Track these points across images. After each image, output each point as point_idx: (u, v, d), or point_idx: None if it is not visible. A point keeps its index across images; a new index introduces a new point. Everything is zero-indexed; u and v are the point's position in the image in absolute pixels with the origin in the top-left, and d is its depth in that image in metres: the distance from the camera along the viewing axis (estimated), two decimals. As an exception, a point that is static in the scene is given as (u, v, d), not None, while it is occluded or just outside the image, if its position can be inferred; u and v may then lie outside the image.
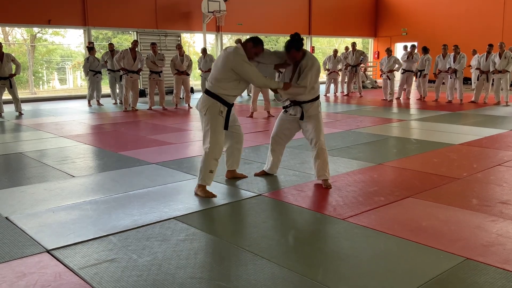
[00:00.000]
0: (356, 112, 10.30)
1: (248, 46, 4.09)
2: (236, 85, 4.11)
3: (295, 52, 4.21)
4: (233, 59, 4.02)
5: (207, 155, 4.12)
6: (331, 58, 14.68)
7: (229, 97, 4.13)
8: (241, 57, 4.02)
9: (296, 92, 4.28)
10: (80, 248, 3.07)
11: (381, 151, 6.21)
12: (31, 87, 17.27)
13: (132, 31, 15.97)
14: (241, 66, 4.01)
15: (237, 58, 4.01)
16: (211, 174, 4.15)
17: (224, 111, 4.12)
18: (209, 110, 4.08)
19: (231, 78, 4.06)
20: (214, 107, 4.08)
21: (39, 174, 5.07)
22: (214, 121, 4.09)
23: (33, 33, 20.99)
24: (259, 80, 4.13)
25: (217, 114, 4.09)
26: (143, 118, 9.85)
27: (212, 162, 4.13)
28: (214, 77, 4.12)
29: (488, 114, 9.77)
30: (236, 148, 4.56)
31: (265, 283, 2.57)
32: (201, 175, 4.16)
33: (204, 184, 4.16)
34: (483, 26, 18.49)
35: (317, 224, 3.60)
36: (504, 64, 11.37)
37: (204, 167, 4.14)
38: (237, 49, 4.07)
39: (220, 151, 4.17)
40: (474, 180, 4.62)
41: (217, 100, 4.08)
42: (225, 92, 4.09)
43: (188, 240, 3.18)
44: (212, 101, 4.09)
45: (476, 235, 3.23)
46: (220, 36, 17.80)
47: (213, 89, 4.10)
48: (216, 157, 4.14)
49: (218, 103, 4.08)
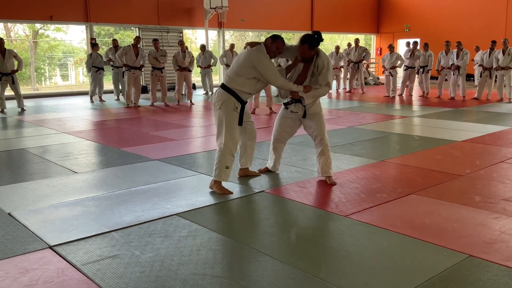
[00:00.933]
0: (358, 109, 10.28)
1: (268, 42, 4.09)
2: (254, 83, 4.08)
3: (307, 49, 4.14)
4: (255, 55, 4.00)
5: (223, 151, 4.09)
6: (333, 55, 14.64)
7: (244, 94, 4.10)
8: (263, 54, 4.01)
9: (320, 94, 4.23)
10: (82, 244, 3.08)
11: (384, 148, 6.19)
12: (33, 83, 17.29)
13: (134, 27, 15.95)
14: (262, 64, 3.98)
15: (260, 55, 4.00)
16: (227, 170, 4.11)
17: (239, 107, 4.10)
18: (224, 105, 4.06)
19: (250, 75, 4.02)
20: (228, 102, 4.06)
21: (41, 170, 5.08)
22: (229, 116, 4.07)
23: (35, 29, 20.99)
24: (278, 80, 4.08)
25: (232, 110, 4.07)
26: (145, 114, 9.85)
27: (228, 158, 4.10)
28: (234, 71, 4.09)
29: (491, 111, 9.74)
30: (249, 145, 4.52)
31: (268, 279, 2.57)
32: (217, 171, 4.13)
33: (220, 180, 4.15)
34: (486, 23, 18.41)
35: (319, 221, 3.59)
36: (507, 60, 11.33)
37: (219, 162, 4.10)
38: (260, 47, 4.07)
39: (235, 146, 4.15)
40: (477, 177, 4.61)
41: (232, 95, 4.06)
42: (241, 88, 4.06)
43: (191, 237, 3.18)
44: (227, 96, 4.07)
45: (479, 232, 3.22)
46: (222, 33, 17.76)
47: (230, 83, 4.08)
48: (232, 152, 4.11)
49: (233, 98, 4.06)
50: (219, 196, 4.06)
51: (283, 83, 4.14)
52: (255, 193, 4.16)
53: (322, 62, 4.21)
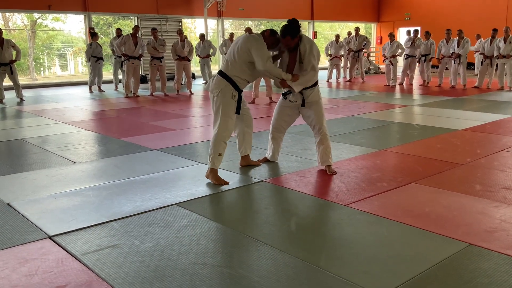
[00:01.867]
0: (358, 98, 10.24)
1: (266, 34, 4.12)
2: (251, 69, 4.08)
3: (290, 40, 4.09)
4: (252, 40, 4.02)
5: (216, 138, 4.11)
6: (333, 44, 14.55)
7: (241, 82, 4.10)
8: (260, 39, 4.04)
9: (307, 79, 4.19)
10: (82, 234, 3.07)
11: (384, 137, 6.17)
12: (32, 73, 17.21)
13: (132, 17, 15.84)
14: (256, 46, 3.98)
15: (256, 38, 4.03)
16: (220, 157, 4.14)
17: (236, 96, 4.11)
18: (221, 93, 4.06)
19: (245, 60, 4.03)
20: (226, 90, 4.06)
21: (40, 160, 5.06)
22: (226, 104, 4.07)
23: (34, 18, 20.84)
24: (267, 63, 3.98)
25: (230, 98, 4.07)
26: (145, 104, 9.82)
27: (221, 145, 4.13)
28: (232, 57, 4.09)
29: (492, 100, 9.70)
30: (247, 132, 4.50)
31: (267, 268, 2.56)
32: (210, 158, 4.16)
33: (214, 168, 4.15)
34: (488, 11, 18.27)
35: (319, 210, 3.59)
36: (508, 49, 11.26)
37: (213, 149, 4.13)
38: (258, 34, 4.11)
39: (229, 134, 4.16)
40: (477, 166, 4.59)
41: (230, 83, 4.06)
42: (240, 75, 4.06)
43: (191, 226, 3.17)
44: (225, 83, 4.06)
45: (480, 220, 3.21)
46: (222, 22, 17.64)
47: (228, 71, 4.07)
48: (225, 140, 4.14)
49: (230, 86, 4.06)
50: (218, 186, 4.05)
51: (271, 68, 4.04)
52: (254, 183, 4.15)
53: (304, 46, 4.15)
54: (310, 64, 4.16)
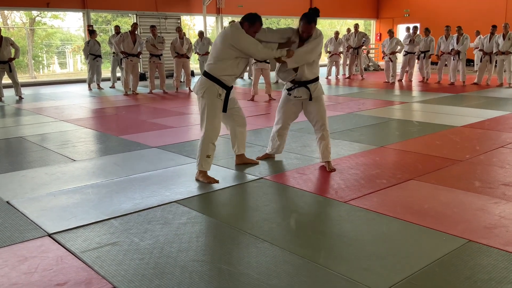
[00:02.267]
0: (358, 95, 10.24)
1: (245, 26, 3.96)
2: (235, 64, 3.99)
3: (313, 28, 4.10)
4: (231, 34, 3.93)
5: (204, 140, 4.05)
6: (333, 40, 14.52)
7: (228, 78, 4.01)
8: (239, 30, 3.93)
9: (302, 58, 4.13)
10: (81, 232, 3.07)
11: (383, 134, 6.17)
12: (31, 71, 17.18)
13: (131, 14, 15.79)
14: (239, 39, 3.90)
15: (236, 32, 3.93)
16: (208, 159, 4.07)
17: (222, 94, 4.02)
18: (206, 93, 3.98)
19: (231, 56, 3.94)
20: (211, 89, 3.98)
21: (40, 158, 5.06)
22: (211, 104, 3.99)
23: (32, 16, 20.80)
24: (260, 52, 3.95)
25: (215, 97, 3.99)
26: (144, 101, 9.81)
27: (209, 147, 4.06)
28: (213, 56, 4.01)
29: (491, 96, 9.70)
30: (239, 132, 4.45)
31: (267, 265, 2.57)
32: (198, 160, 4.10)
33: (203, 170, 4.11)
34: (487, 7, 18.24)
35: (319, 207, 3.59)
36: (507, 45, 11.25)
37: (200, 151, 4.06)
38: (235, 25, 4.00)
39: (216, 135, 4.09)
40: (476, 162, 4.59)
41: (215, 82, 3.98)
42: (224, 73, 3.97)
43: (190, 224, 3.17)
44: (210, 83, 3.98)
45: (479, 217, 3.22)
46: (221, 19, 17.60)
47: (212, 71, 4.00)
48: (212, 141, 4.07)
49: (216, 86, 3.98)
50: (218, 184, 4.04)
51: (266, 53, 3.99)
52: (254, 180, 4.15)
53: (314, 35, 4.15)
54: (308, 45, 4.11)
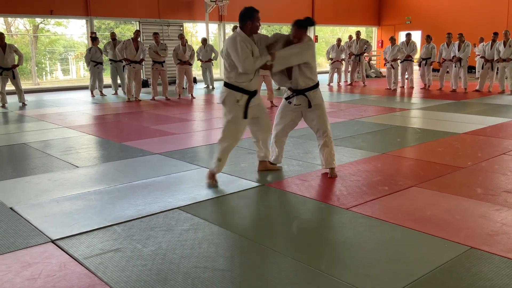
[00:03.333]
0: (359, 102, 10.26)
1: (249, 25, 3.99)
2: None
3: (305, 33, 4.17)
4: (228, 42, 4.00)
5: (219, 144, 4.19)
6: (335, 47, 14.57)
7: (245, 83, 4.03)
8: (233, 41, 3.92)
9: (284, 60, 4.13)
10: (84, 238, 3.08)
11: (385, 141, 6.18)
12: (34, 78, 17.25)
13: (134, 21, 15.89)
14: (231, 51, 3.93)
15: (229, 43, 3.97)
16: (219, 162, 4.19)
17: (241, 99, 4.05)
18: (226, 100, 4.10)
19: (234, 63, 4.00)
20: (230, 96, 4.07)
21: (43, 164, 5.08)
22: (230, 110, 4.10)
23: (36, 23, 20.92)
24: (245, 62, 3.88)
25: (234, 104, 4.06)
26: (146, 108, 9.84)
27: (222, 151, 4.17)
28: (226, 65, 4.09)
29: (493, 103, 9.71)
30: (262, 139, 4.46)
31: (269, 272, 2.57)
32: (212, 162, 4.28)
33: (212, 171, 4.22)
34: (488, 14, 18.29)
35: (321, 213, 3.59)
36: (508, 52, 11.27)
37: (216, 154, 4.22)
38: (235, 33, 4.04)
39: (231, 140, 4.16)
40: (478, 169, 4.60)
41: (233, 89, 4.05)
42: (240, 79, 4.02)
43: (192, 230, 3.18)
44: (228, 91, 4.07)
45: (481, 224, 3.22)
46: (223, 26, 17.69)
47: (229, 79, 4.08)
48: (225, 145, 4.16)
49: (234, 92, 4.04)
50: (220, 190, 4.06)
51: (249, 64, 3.91)
52: (256, 187, 4.16)
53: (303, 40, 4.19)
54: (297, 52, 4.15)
